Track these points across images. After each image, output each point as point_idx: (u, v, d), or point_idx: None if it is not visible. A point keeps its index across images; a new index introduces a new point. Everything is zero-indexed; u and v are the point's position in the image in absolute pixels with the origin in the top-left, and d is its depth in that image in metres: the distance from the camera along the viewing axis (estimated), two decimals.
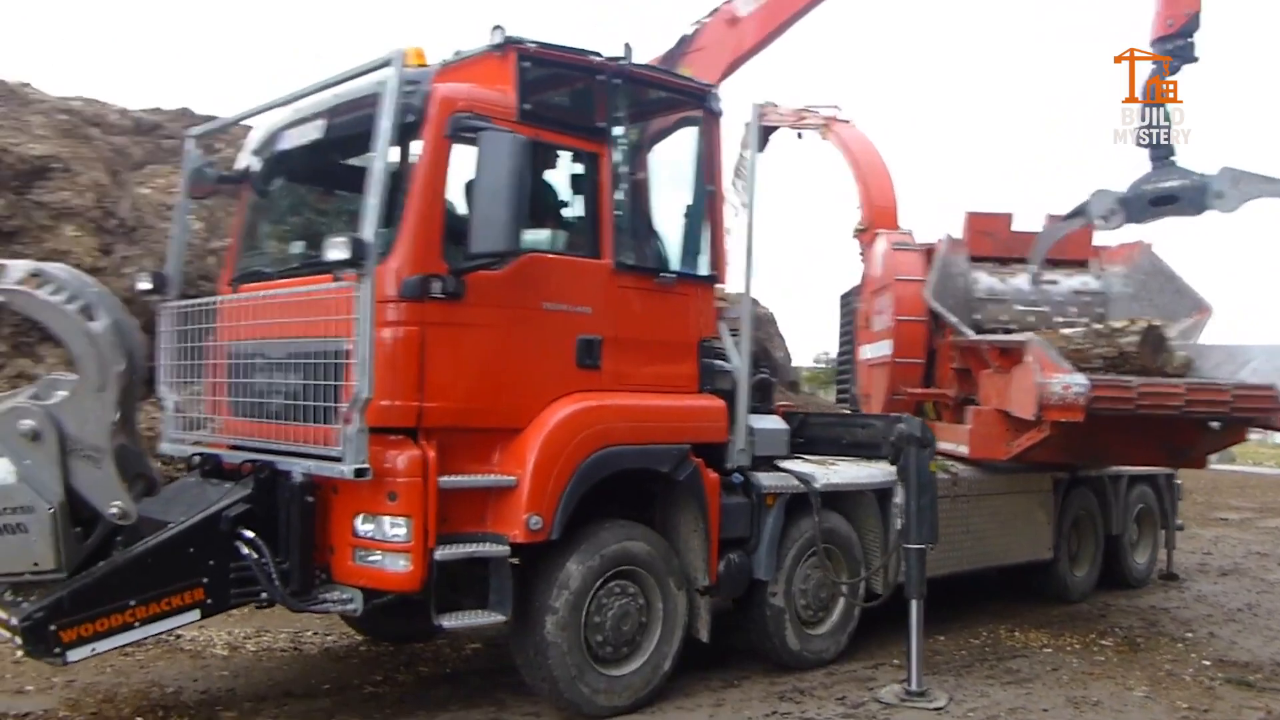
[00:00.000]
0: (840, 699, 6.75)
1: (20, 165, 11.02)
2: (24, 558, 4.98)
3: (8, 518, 4.89)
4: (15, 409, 5.03)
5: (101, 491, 5.11)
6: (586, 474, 6.05)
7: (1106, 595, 10.58)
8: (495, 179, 5.47)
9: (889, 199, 11.65)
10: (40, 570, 5.02)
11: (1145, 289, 9.74)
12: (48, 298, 4.99)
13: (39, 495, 4.94)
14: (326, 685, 6.75)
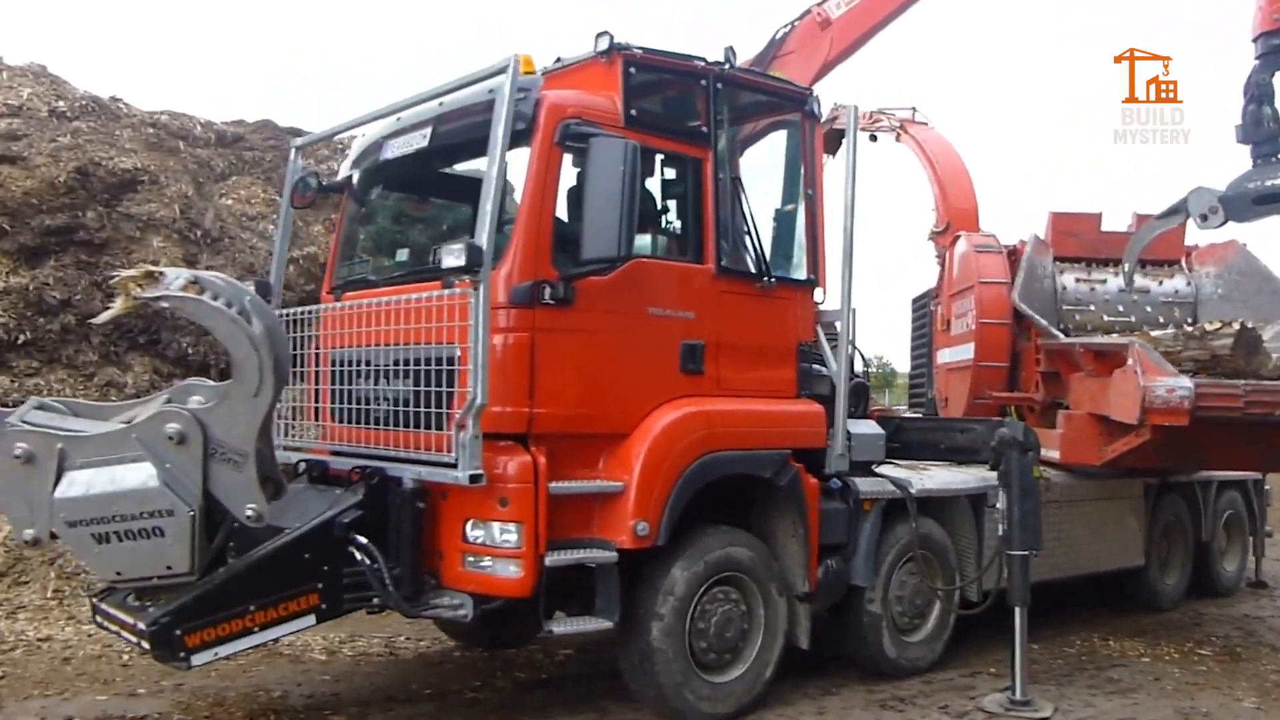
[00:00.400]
0: (943, 708, 6.68)
1: (110, 179, 11.21)
2: (158, 561, 5.06)
3: (145, 521, 4.97)
4: (163, 413, 5.12)
5: (239, 494, 5.18)
6: (691, 480, 6.03)
7: (1196, 604, 10.36)
8: (607, 185, 5.49)
9: (969, 200, 11.53)
10: (173, 574, 5.10)
11: (1239, 290, 9.55)
12: (215, 304, 5.07)
13: (180, 499, 5.02)
14: (427, 690, 6.80)
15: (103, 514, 4.95)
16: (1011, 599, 6.78)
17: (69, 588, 8.95)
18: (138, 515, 4.97)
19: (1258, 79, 7.74)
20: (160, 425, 5.06)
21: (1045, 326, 9.04)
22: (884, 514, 7.13)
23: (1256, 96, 7.75)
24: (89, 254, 11.17)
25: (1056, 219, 10.06)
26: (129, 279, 4.99)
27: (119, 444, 5.09)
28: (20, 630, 7.90)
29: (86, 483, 4.97)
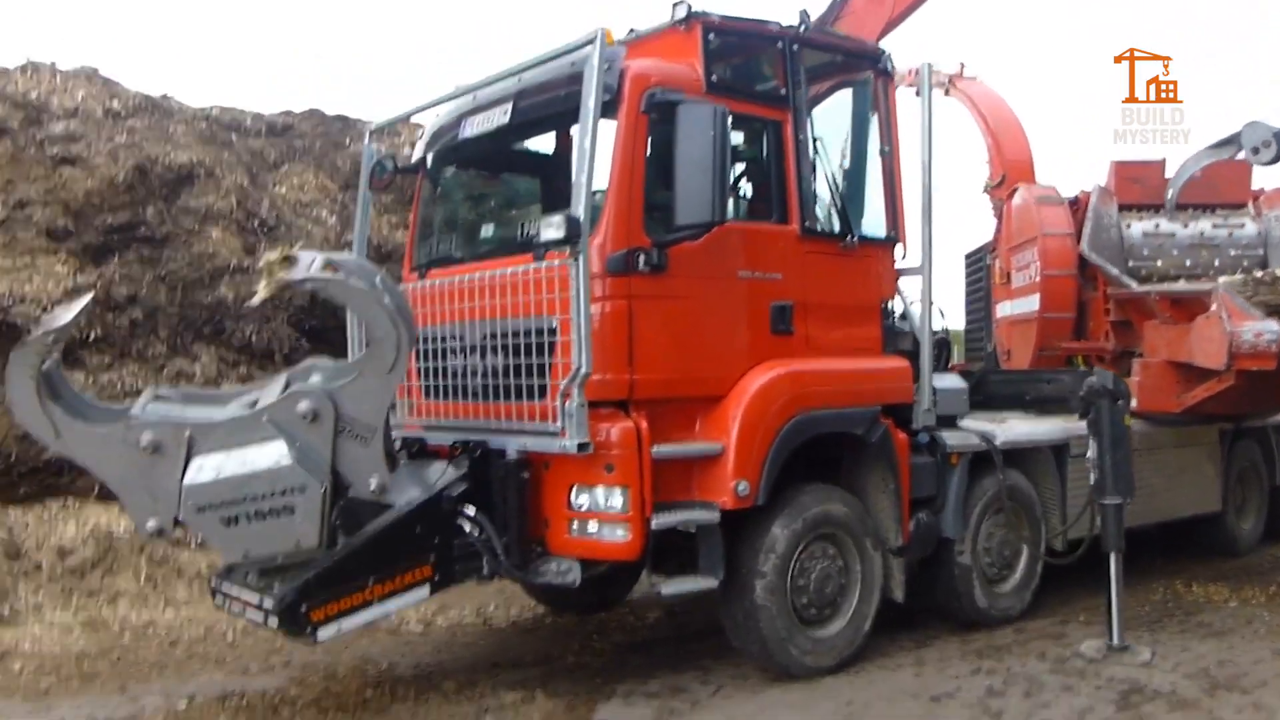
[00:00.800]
0: (1040, 655, 6.73)
1: (167, 174, 11.34)
2: (287, 539, 5.18)
3: (276, 500, 5.09)
4: (297, 392, 5.24)
5: (364, 468, 5.32)
6: (787, 439, 6.10)
7: (1272, 548, 10.33)
8: (698, 150, 5.53)
9: (1024, 153, 11.48)
10: (301, 550, 5.22)
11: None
12: (358, 284, 5.17)
13: (312, 475, 5.14)
14: (529, 657, 6.92)
15: (234, 496, 5.08)
16: (1106, 546, 6.81)
17: (160, 574, 9.14)
18: (269, 495, 5.09)
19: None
20: (293, 404, 5.18)
21: (1117, 276, 9.02)
22: (970, 466, 7.18)
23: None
24: (151, 249, 11.31)
25: (1120, 167, 10.00)
26: (271, 263, 5.09)
27: (249, 427, 5.21)
28: (123, 616, 8.09)
29: (216, 467, 5.09)
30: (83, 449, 5.16)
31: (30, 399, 4.93)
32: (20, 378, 4.90)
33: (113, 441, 5.10)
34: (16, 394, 4.94)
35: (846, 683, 6.25)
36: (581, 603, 7.90)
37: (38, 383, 4.92)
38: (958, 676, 6.32)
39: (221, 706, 5.91)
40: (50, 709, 6.01)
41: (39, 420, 5.01)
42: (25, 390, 4.92)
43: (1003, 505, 7.34)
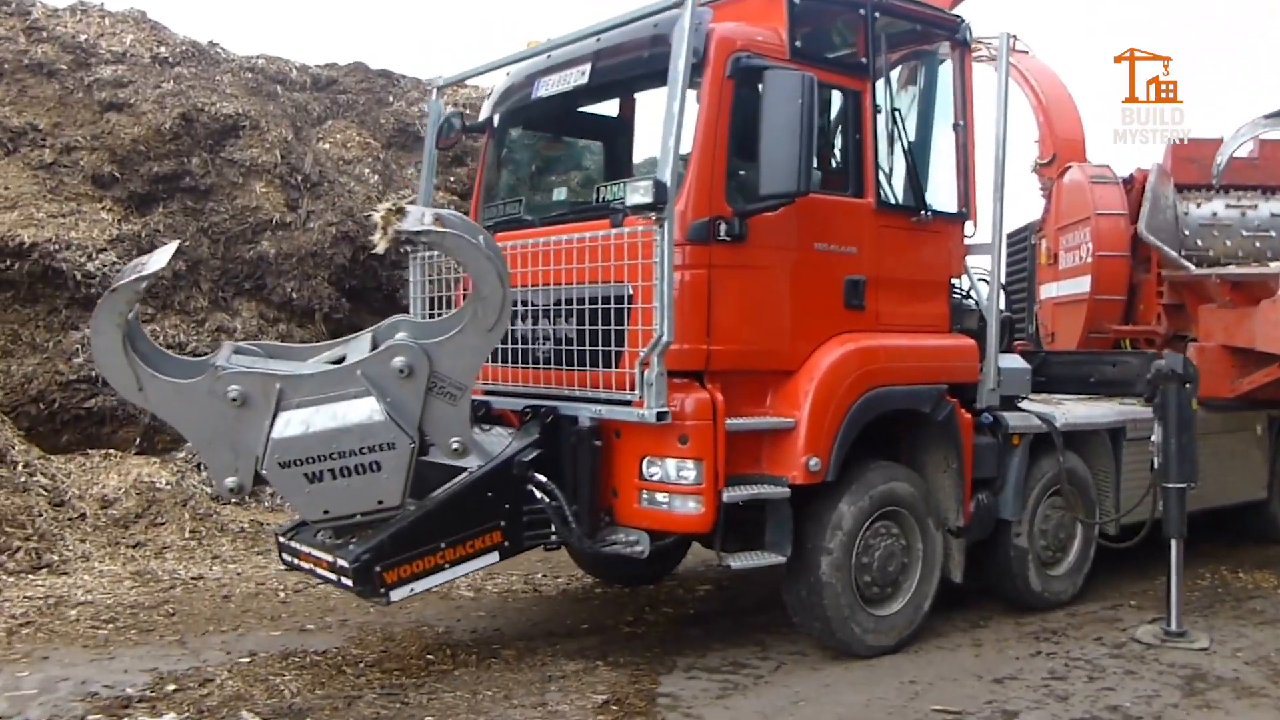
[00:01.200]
0: (1097, 639, 6.71)
1: (213, 124, 11.26)
2: (369, 497, 5.16)
3: (364, 457, 5.06)
4: (393, 346, 5.21)
5: (448, 427, 5.31)
6: (858, 415, 6.05)
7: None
8: (785, 119, 5.42)
9: (1076, 131, 11.29)
10: (382, 509, 5.20)
11: None
12: (472, 240, 5.15)
13: (403, 431, 5.10)
14: (584, 625, 6.92)
15: (321, 451, 5.03)
16: (1168, 531, 6.77)
17: (204, 528, 9.18)
18: (358, 451, 5.06)
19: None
20: (389, 359, 5.14)
21: (1175, 258, 8.91)
22: (1030, 448, 7.12)
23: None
24: (194, 200, 11.28)
25: (1176, 147, 9.84)
26: (387, 213, 5.05)
27: (341, 380, 5.16)
28: (171, 569, 8.10)
29: (305, 421, 5.04)
30: (165, 402, 5.10)
31: (115, 349, 4.87)
32: (107, 326, 4.83)
33: (198, 394, 5.04)
34: (102, 342, 4.87)
35: (907, 661, 6.23)
36: (630, 574, 7.89)
37: (124, 332, 4.87)
38: (1018, 658, 6.30)
39: (285, 664, 5.90)
40: (112, 658, 6.02)
41: (123, 372, 4.94)
42: (111, 339, 4.85)
43: (1061, 488, 7.29)
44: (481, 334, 5.25)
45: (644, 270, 5.50)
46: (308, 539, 5.70)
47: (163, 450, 10.59)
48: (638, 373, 5.47)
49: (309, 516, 5.30)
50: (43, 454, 9.67)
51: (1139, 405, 8.06)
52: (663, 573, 8.09)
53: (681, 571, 8.27)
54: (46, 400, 10.11)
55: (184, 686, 5.51)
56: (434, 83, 7.30)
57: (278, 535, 6.04)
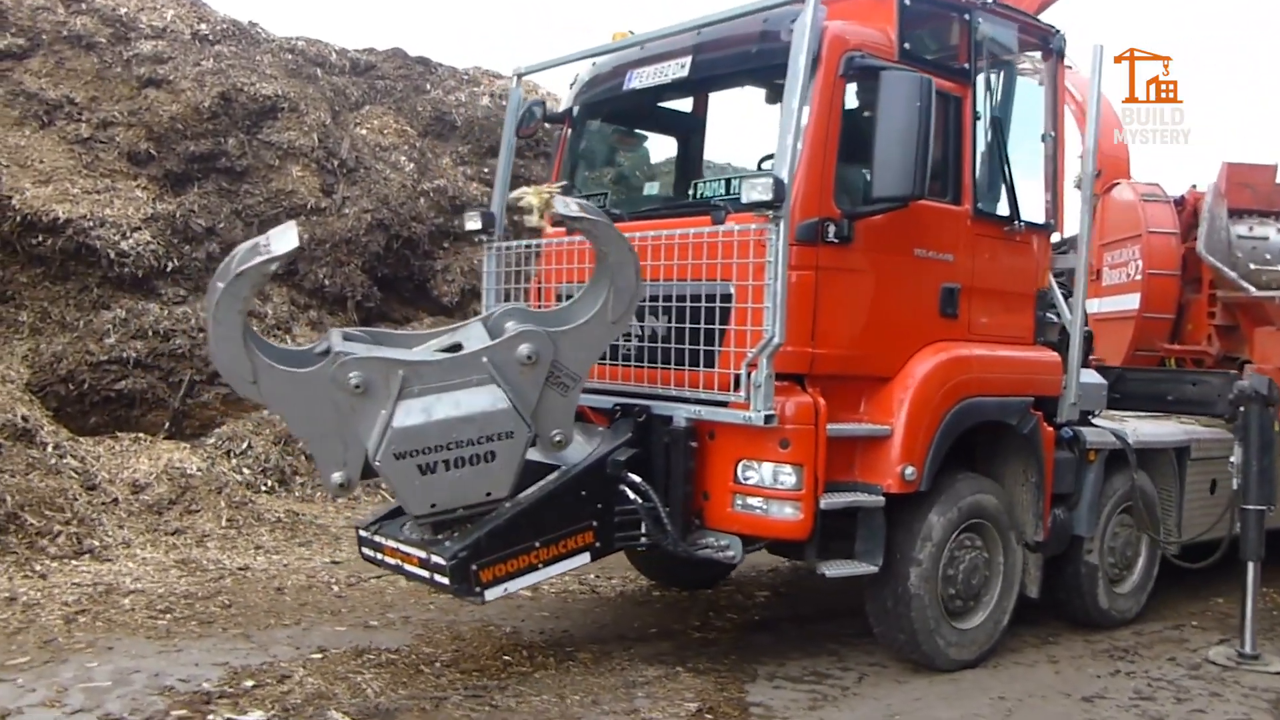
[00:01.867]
0: (1170, 659, 6.64)
1: (251, 105, 11.07)
2: (479, 489, 5.03)
3: (480, 447, 4.91)
4: (522, 333, 5.09)
5: (555, 420, 5.21)
6: (952, 425, 5.96)
7: None
8: (901, 121, 5.32)
9: (1121, 147, 11.25)
10: (490, 500, 5.07)
11: None
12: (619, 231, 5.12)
13: (522, 420, 4.97)
14: (653, 629, 6.79)
15: (439, 441, 4.89)
16: (1245, 553, 6.70)
17: (241, 517, 8.98)
18: (476, 440, 4.93)
19: None
20: (515, 346, 5.01)
21: (1235, 279, 8.86)
22: (1105, 464, 7.05)
23: None
24: (229, 182, 11.09)
25: (1232, 170, 9.78)
26: (545, 196, 4.93)
27: (464, 367, 5.03)
28: (215, 559, 7.90)
29: (425, 410, 4.88)
30: (280, 393, 4.87)
31: (235, 337, 4.64)
32: (229, 313, 4.61)
33: (316, 383, 4.84)
34: (223, 330, 4.63)
35: (989, 677, 6.14)
36: (687, 578, 7.78)
37: (244, 319, 4.68)
38: (1099, 677, 6.22)
39: (360, 662, 5.73)
40: (179, 650, 5.83)
41: (239, 363, 4.71)
42: (232, 327, 4.63)
43: (1131, 506, 7.23)
44: (606, 326, 5.17)
45: (749, 270, 5.39)
46: (393, 533, 5.54)
47: (192, 435, 10.39)
48: (744, 374, 5.34)
49: (416, 510, 5.11)
50: (71, 435, 9.44)
51: (1200, 425, 8.04)
52: (718, 578, 7.97)
53: (736, 577, 8.14)
54: (76, 381, 9.87)
55: (262, 683, 5.33)
56: (516, 70, 7.12)
57: (359, 529, 5.87)
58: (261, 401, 5.13)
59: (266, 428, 10.54)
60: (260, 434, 10.45)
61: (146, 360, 10.15)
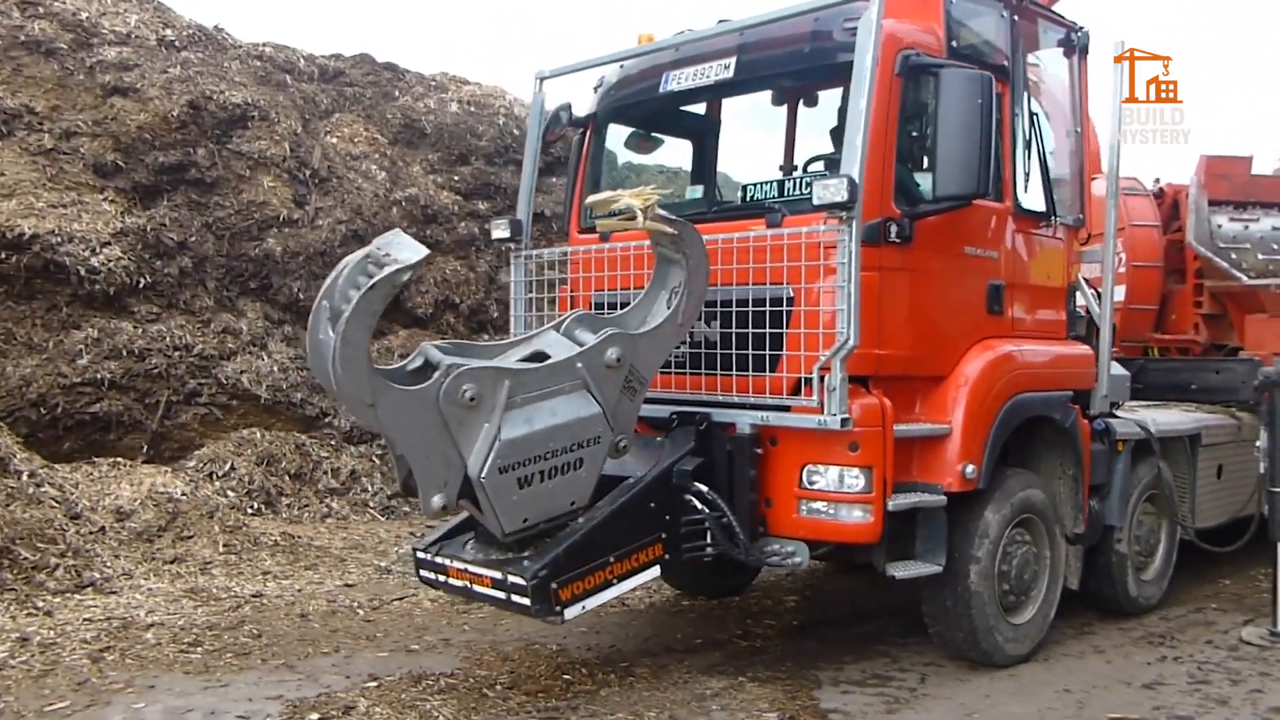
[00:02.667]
0: (1208, 642, 6.75)
1: (221, 113, 10.66)
2: (565, 498, 4.95)
3: (570, 455, 4.84)
4: (611, 337, 5.00)
5: (621, 424, 5.13)
6: (1005, 421, 5.97)
7: None
8: (963, 119, 5.30)
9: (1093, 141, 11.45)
10: (572, 510, 4.96)
11: None
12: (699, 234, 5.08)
13: (608, 425, 4.92)
14: (699, 640, 6.67)
15: (538, 451, 4.78)
16: (1273, 534, 6.85)
17: (238, 542, 8.62)
18: (568, 448, 4.84)
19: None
20: (604, 350, 4.91)
21: (1227, 269, 9.08)
22: (1131, 454, 7.14)
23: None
24: (200, 193, 10.69)
25: (1210, 162, 10.01)
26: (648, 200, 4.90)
27: (560, 374, 4.92)
28: (224, 586, 7.56)
29: (528, 419, 4.74)
30: (397, 415, 4.59)
31: (362, 357, 4.36)
32: (360, 330, 4.31)
33: (428, 399, 4.61)
34: (351, 350, 4.31)
35: (1045, 670, 6.16)
36: (715, 586, 7.69)
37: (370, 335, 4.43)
38: (1149, 664, 6.29)
39: (420, 689, 5.49)
40: (225, 686, 5.54)
41: (361, 384, 4.43)
42: (361, 345, 4.34)
43: (1156, 494, 7.34)
44: (676, 329, 5.10)
45: (814, 272, 5.34)
46: (456, 553, 5.34)
47: (171, 458, 10.00)
48: (815, 377, 5.26)
49: (510, 526, 4.91)
50: (46, 462, 8.97)
51: (1204, 412, 8.21)
52: (744, 585, 7.89)
53: (760, 584, 8.08)
54: (48, 404, 9.41)
55: (327, 715, 5.08)
56: (539, 74, 6.93)
57: (416, 550, 5.64)
58: (376, 426, 4.79)
59: (248, 448, 10.19)
60: (242, 455, 10.10)
61: (121, 381, 9.72)
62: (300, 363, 10.69)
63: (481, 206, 12.62)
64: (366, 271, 4.47)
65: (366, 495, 10.28)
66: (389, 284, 4.34)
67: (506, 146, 13.06)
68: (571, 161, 7.11)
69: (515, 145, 13.13)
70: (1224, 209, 10.09)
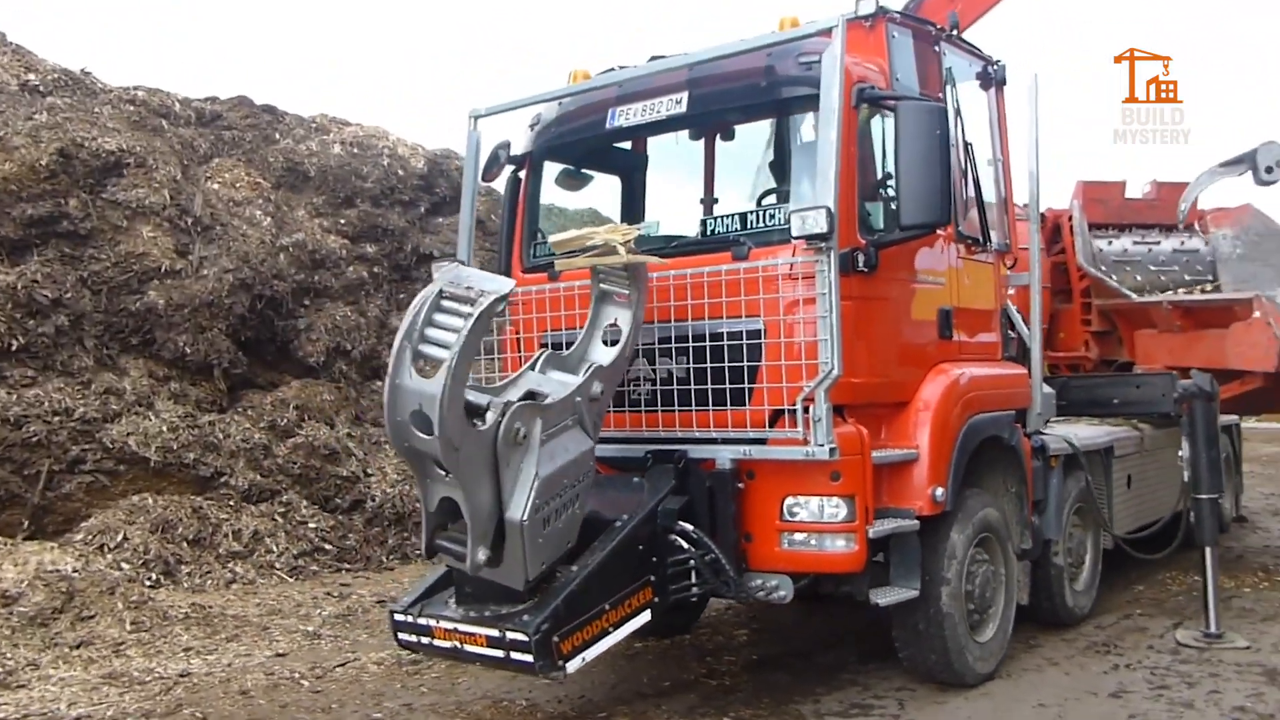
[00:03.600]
0: (1149, 647, 7.01)
1: (94, 161, 9.99)
2: (565, 539, 4.84)
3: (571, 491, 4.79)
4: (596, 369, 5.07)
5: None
6: (965, 444, 6.09)
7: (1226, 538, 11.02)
8: (923, 150, 5.40)
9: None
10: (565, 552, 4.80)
11: (1258, 249, 10.34)
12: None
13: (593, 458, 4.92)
14: (666, 682, 6.52)
15: (556, 490, 4.68)
16: (1202, 539, 7.19)
17: (146, 618, 7.99)
18: (573, 484, 4.78)
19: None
20: (591, 384, 4.93)
21: (1117, 287, 9.57)
22: (1063, 469, 7.39)
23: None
24: (73, 246, 10.00)
25: (1087, 187, 10.58)
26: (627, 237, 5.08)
27: (566, 409, 4.86)
28: (146, 668, 6.97)
29: (552, 456, 4.66)
30: (473, 459, 4.41)
31: (463, 395, 4.22)
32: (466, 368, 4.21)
33: (486, 441, 4.44)
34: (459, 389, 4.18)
35: (1013, 686, 6.27)
36: (664, 625, 7.52)
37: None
38: (1106, 673, 6.47)
39: None
40: None
41: (456, 422, 4.24)
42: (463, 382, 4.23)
43: (1082, 506, 7.62)
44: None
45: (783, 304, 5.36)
46: (440, 612, 5.07)
47: (56, 532, 9.26)
48: (799, 409, 5.24)
49: (533, 573, 4.71)
50: None
51: (1110, 425, 8.60)
52: (691, 622, 7.78)
53: (708, 619, 8.00)
54: None
55: None
56: (474, 112, 6.74)
57: (394, 612, 5.31)
58: (454, 472, 4.47)
59: (140, 516, 9.50)
60: (134, 523, 9.40)
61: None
62: (191, 421, 10.09)
63: (369, 249, 12.24)
64: (454, 310, 4.26)
65: (272, 556, 9.71)
66: (488, 316, 4.18)
67: (392, 188, 12.72)
68: (507, 201, 6.92)
69: (401, 186, 12.83)
70: (1100, 231, 10.68)
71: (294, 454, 10.37)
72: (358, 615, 8.36)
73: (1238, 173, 9.00)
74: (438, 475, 4.48)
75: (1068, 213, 10.42)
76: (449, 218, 13.43)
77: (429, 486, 4.61)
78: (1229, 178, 9.06)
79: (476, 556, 4.52)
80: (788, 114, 6.30)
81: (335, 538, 10.05)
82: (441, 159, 13.74)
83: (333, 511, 10.37)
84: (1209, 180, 9.19)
